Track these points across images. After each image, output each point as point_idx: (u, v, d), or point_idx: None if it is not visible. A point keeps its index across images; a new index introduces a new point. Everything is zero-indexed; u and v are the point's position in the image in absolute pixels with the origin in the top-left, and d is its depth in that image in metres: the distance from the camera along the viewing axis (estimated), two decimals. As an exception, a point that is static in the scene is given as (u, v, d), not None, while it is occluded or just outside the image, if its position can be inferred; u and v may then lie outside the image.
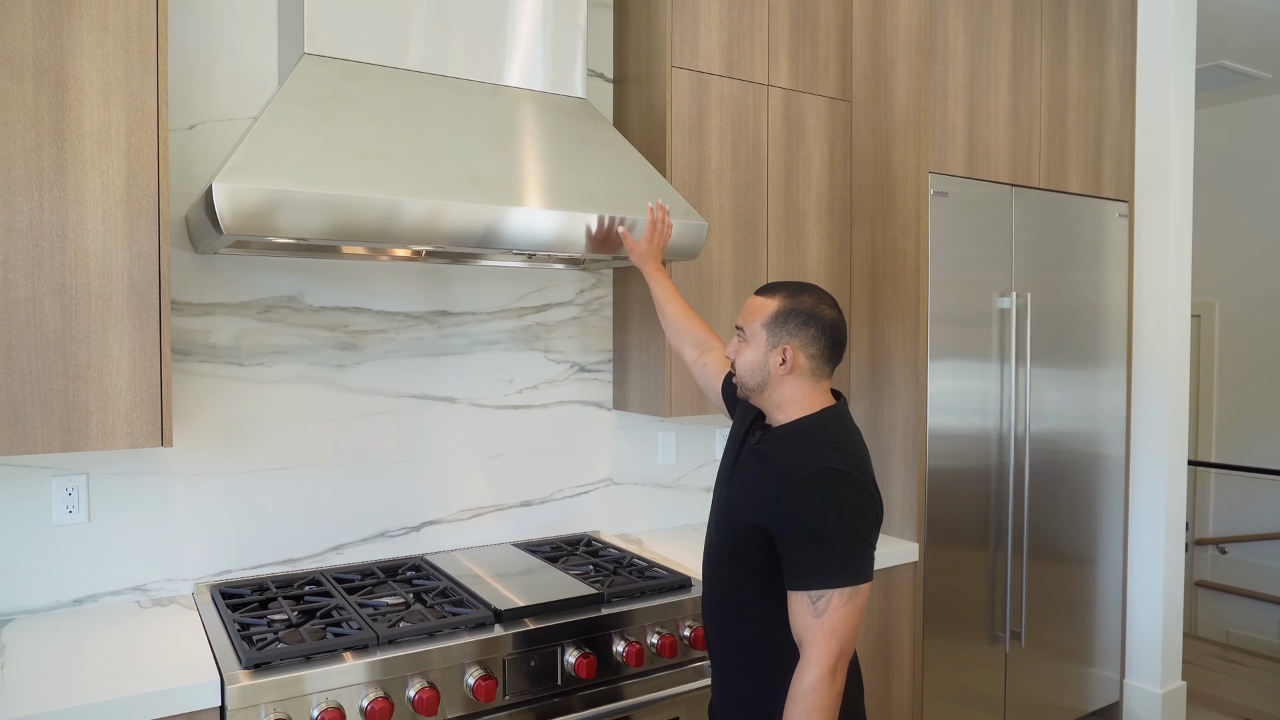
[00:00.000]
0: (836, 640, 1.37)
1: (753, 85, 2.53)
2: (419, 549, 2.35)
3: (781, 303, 1.52)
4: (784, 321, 1.51)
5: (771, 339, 1.51)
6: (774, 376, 1.51)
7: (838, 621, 1.37)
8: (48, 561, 1.92)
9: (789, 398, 1.52)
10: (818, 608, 1.37)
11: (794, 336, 1.50)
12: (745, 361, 1.54)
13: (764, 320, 1.52)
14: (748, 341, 1.54)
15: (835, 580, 1.37)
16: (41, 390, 1.63)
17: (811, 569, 1.38)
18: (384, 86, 1.92)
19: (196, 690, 1.53)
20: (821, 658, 1.36)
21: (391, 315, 2.29)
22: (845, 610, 1.37)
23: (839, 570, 1.37)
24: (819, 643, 1.37)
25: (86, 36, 1.65)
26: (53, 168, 1.63)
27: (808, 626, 1.38)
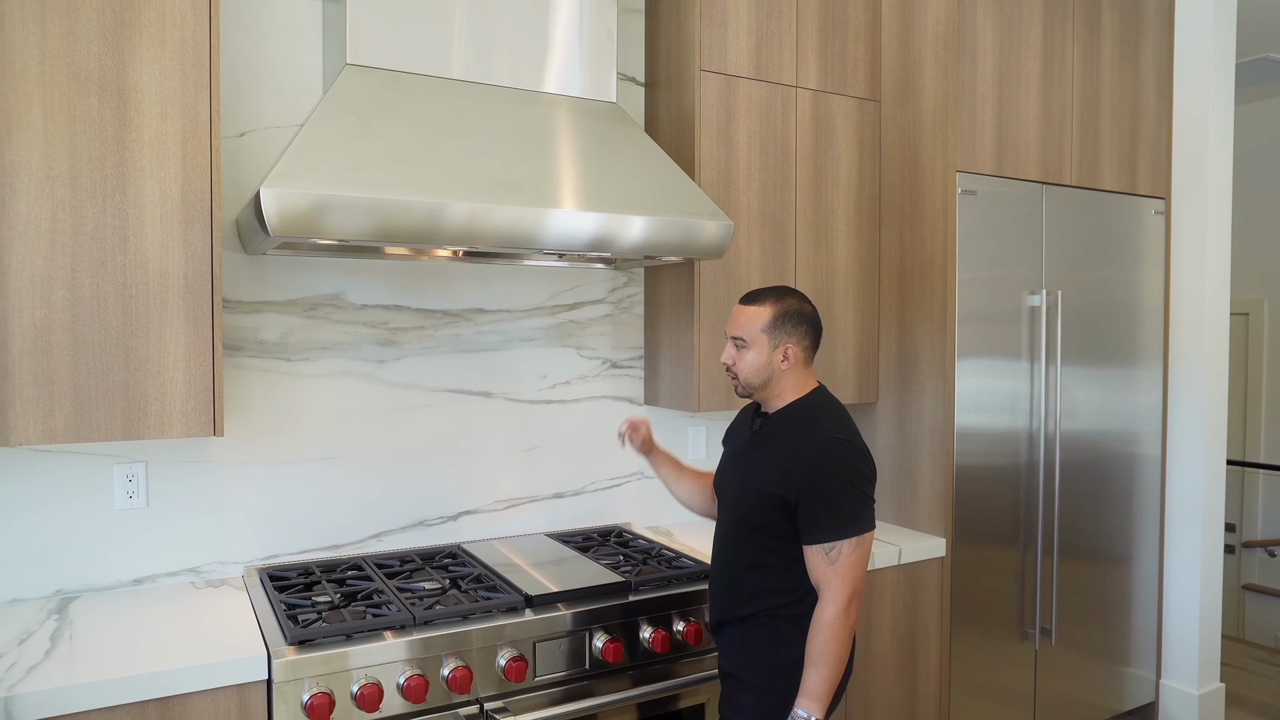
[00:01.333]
0: (848, 583, 1.65)
1: (781, 87, 2.58)
2: (456, 538, 2.45)
3: (774, 308, 1.77)
4: (781, 324, 1.76)
5: (772, 341, 1.76)
6: (777, 372, 1.77)
7: (848, 566, 1.65)
8: (110, 543, 2.05)
9: (788, 386, 1.78)
10: (830, 557, 1.65)
11: (791, 335, 1.76)
12: (748, 364, 1.77)
13: (762, 326, 1.76)
14: (748, 347, 1.77)
15: (843, 532, 1.65)
16: (105, 382, 1.75)
17: (823, 525, 1.65)
18: (423, 94, 2.01)
19: (246, 664, 1.63)
20: (837, 597, 1.64)
21: (430, 313, 2.38)
22: (854, 556, 1.65)
23: (846, 523, 1.65)
24: (835, 585, 1.65)
25: (146, 52, 1.77)
26: (115, 175, 1.75)
27: (824, 574, 1.66)
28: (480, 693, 1.83)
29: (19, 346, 1.68)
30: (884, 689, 2.50)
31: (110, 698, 1.53)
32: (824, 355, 2.69)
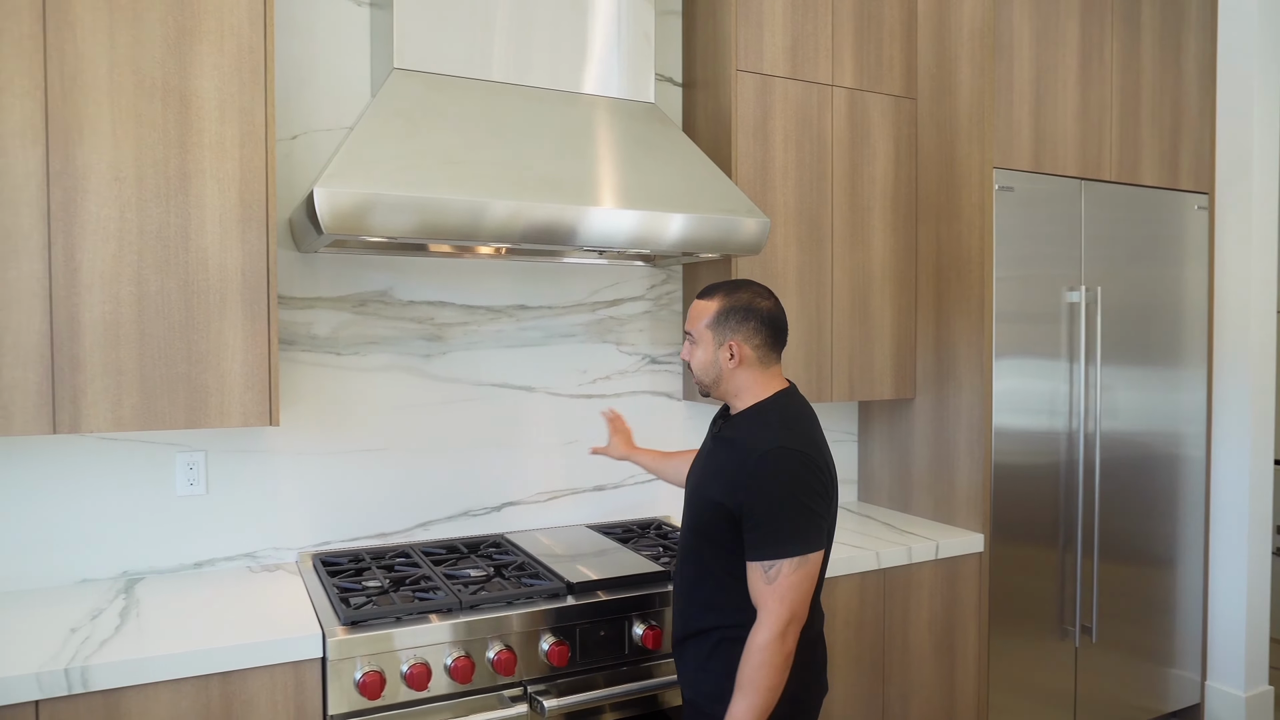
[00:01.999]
0: (786, 605, 1.50)
1: (817, 86, 2.61)
2: (499, 528, 2.51)
3: (720, 302, 1.66)
4: (725, 319, 1.65)
5: (717, 337, 1.66)
6: (725, 370, 1.66)
7: (787, 588, 1.50)
8: (172, 528, 2.14)
9: (743, 386, 1.66)
10: (769, 575, 1.51)
11: (736, 332, 1.64)
12: (697, 361, 1.69)
13: (707, 321, 1.67)
14: (696, 343, 1.69)
15: (784, 551, 1.50)
16: (169, 373, 1.84)
17: (763, 541, 1.52)
18: (466, 96, 2.08)
19: (302, 642, 1.71)
20: (773, 620, 1.50)
21: (474, 309, 2.46)
22: (794, 577, 1.50)
23: (786, 541, 1.51)
24: (771, 607, 1.51)
25: (206, 59, 1.86)
26: (178, 176, 1.84)
27: (761, 592, 1.52)
28: (524, 675, 1.88)
29: (90, 339, 1.78)
30: (922, 684, 2.52)
31: (177, 671, 1.61)
32: (861, 350, 2.72)
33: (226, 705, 1.66)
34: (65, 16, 1.73)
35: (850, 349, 2.70)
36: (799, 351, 2.61)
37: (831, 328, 2.66)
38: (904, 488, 2.91)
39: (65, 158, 1.74)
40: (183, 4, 1.82)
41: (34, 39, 1.71)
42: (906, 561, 2.45)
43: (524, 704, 1.83)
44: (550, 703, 1.83)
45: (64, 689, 1.54)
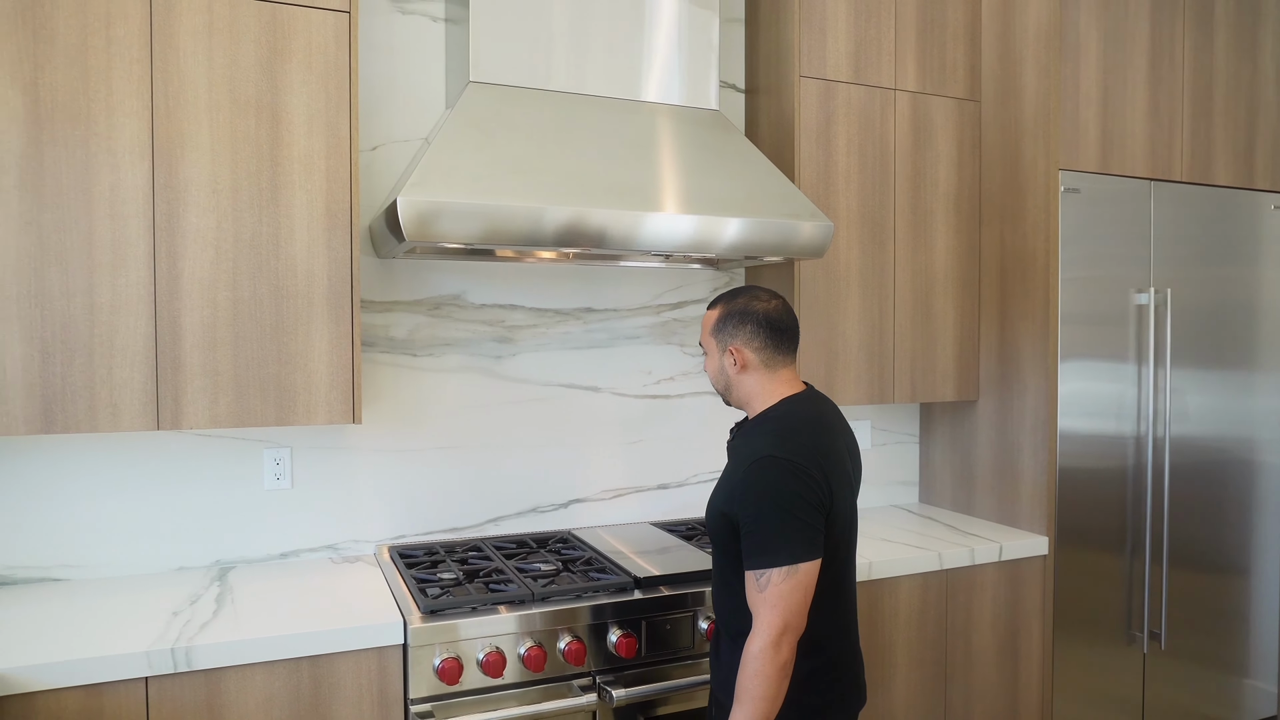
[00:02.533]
0: (778, 614, 1.49)
1: (879, 90, 2.63)
2: (566, 524, 2.59)
3: (719, 310, 1.68)
4: (723, 326, 1.66)
5: (720, 344, 1.67)
6: (732, 377, 1.67)
7: (778, 597, 1.49)
8: (260, 520, 2.27)
9: (752, 392, 1.66)
10: (760, 584, 1.51)
11: (734, 337, 1.65)
12: (709, 371, 1.72)
13: (710, 330, 1.69)
14: (707, 354, 1.72)
15: (772, 560, 1.49)
16: (260, 374, 1.96)
17: (754, 550, 1.52)
18: (537, 107, 2.16)
19: (386, 629, 1.80)
20: (766, 629, 1.49)
21: (543, 312, 2.54)
22: (785, 586, 1.49)
23: (775, 551, 1.50)
24: (764, 615, 1.50)
25: (295, 77, 1.97)
26: (269, 188, 1.95)
27: (754, 600, 1.52)
28: (593, 666, 1.95)
29: (190, 341, 1.90)
30: (985, 686, 2.52)
31: (271, 654, 1.72)
32: (923, 351, 2.73)
33: (315, 687, 1.76)
34: (170, 41, 1.85)
35: (912, 351, 2.71)
36: (861, 353, 2.63)
37: (894, 330, 2.68)
38: (966, 490, 2.91)
39: (169, 172, 1.87)
40: (275, 26, 1.94)
41: (142, 63, 1.83)
42: (969, 563, 2.46)
43: (593, 693, 1.90)
44: (618, 692, 1.89)
45: (170, 667, 1.65)
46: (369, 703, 1.80)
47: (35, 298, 1.78)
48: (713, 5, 2.38)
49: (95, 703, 1.62)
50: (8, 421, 1.77)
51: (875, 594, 2.33)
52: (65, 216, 1.79)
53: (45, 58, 1.77)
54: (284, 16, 1.94)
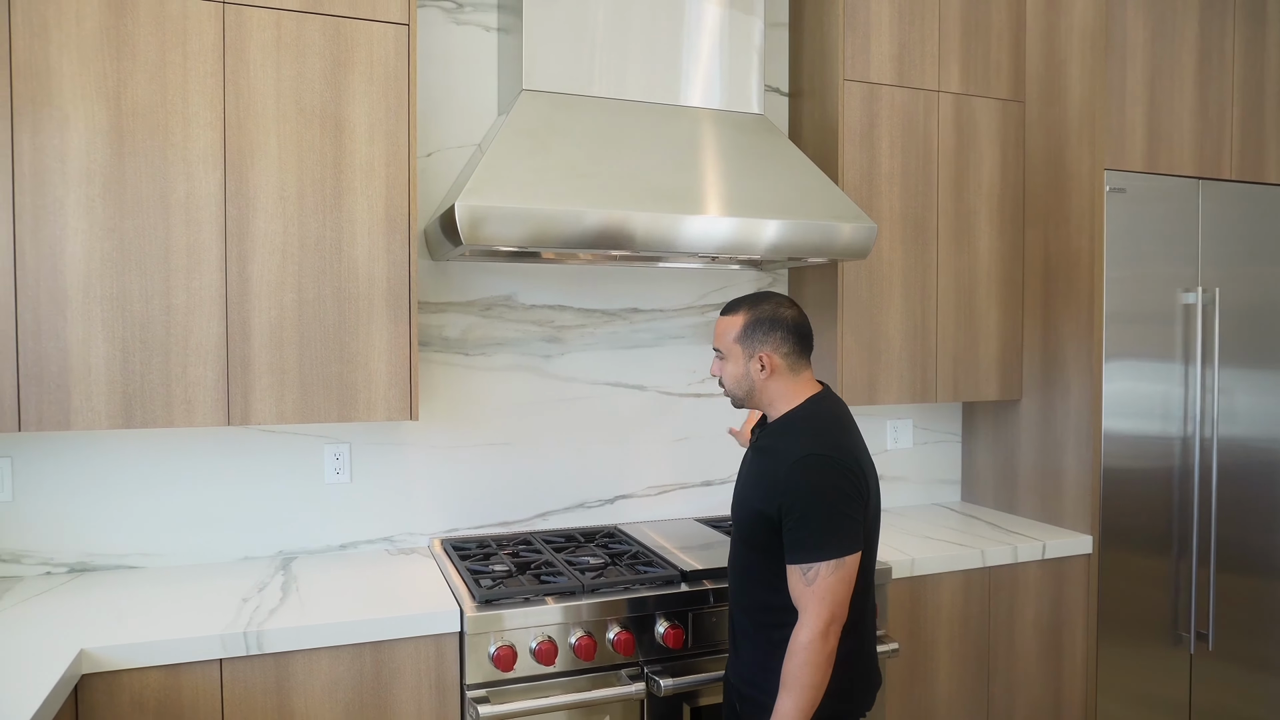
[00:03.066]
0: (826, 606, 1.55)
1: (923, 92, 2.65)
2: (612, 519, 2.65)
3: (745, 316, 1.72)
4: (752, 332, 1.70)
5: (746, 350, 1.71)
6: (757, 382, 1.72)
7: (826, 589, 1.56)
8: (320, 513, 2.36)
9: (777, 395, 1.72)
10: (808, 578, 1.57)
11: (764, 343, 1.70)
12: (729, 375, 1.74)
13: (735, 336, 1.72)
14: (726, 358, 1.74)
15: (821, 554, 1.56)
16: (324, 372, 2.05)
17: (801, 545, 1.57)
18: (588, 114, 2.22)
19: (443, 617, 1.88)
20: (815, 620, 1.56)
21: (590, 312, 2.60)
22: (833, 579, 1.56)
23: (824, 545, 1.56)
24: (811, 608, 1.56)
25: (357, 88, 2.05)
26: (332, 194, 2.04)
27: (801, 594, 1.58)
28: (641, 656, 2.01)
29: (258, 341, 1.99)
30: (1027, 684, 2.54)
31: (335, 639, 1.80)
32: (966, 351, 2.75)
33: (377, 671, 1.85)
34: (241, 56, 1.95)
35: (955, 350, 2.73)
36: (903, 352, 2.66)
37: (936, 329, 2.70)
38: (1009, 489, 2.92)
39: (240, 179, 1.96)
40: (338, 39, 2.03)
41: (215, 76, 1.93)
42: (1012, 561, 2.48)
43: (641, 683, 1.96)
44: (666, 682, 1.95)
45: (243, 650, 1.74)
46: (427, 687, 1.88)
47: (116, 300, 1.89)
48: (756, 10, 2.43)
49: (174, 681, 1.72)
50: (91, 416, 1.88)
51: (918, 590, 2.36)
52: (144, 223, 1.90)
53: (128, 73, 1.87)
54: (346, 30, 2.03)
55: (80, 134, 1.85)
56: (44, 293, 1.84)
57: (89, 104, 1.85)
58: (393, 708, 1.86)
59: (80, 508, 2.17)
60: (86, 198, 1.86)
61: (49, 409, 1.85)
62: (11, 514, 2.12)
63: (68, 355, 1.86)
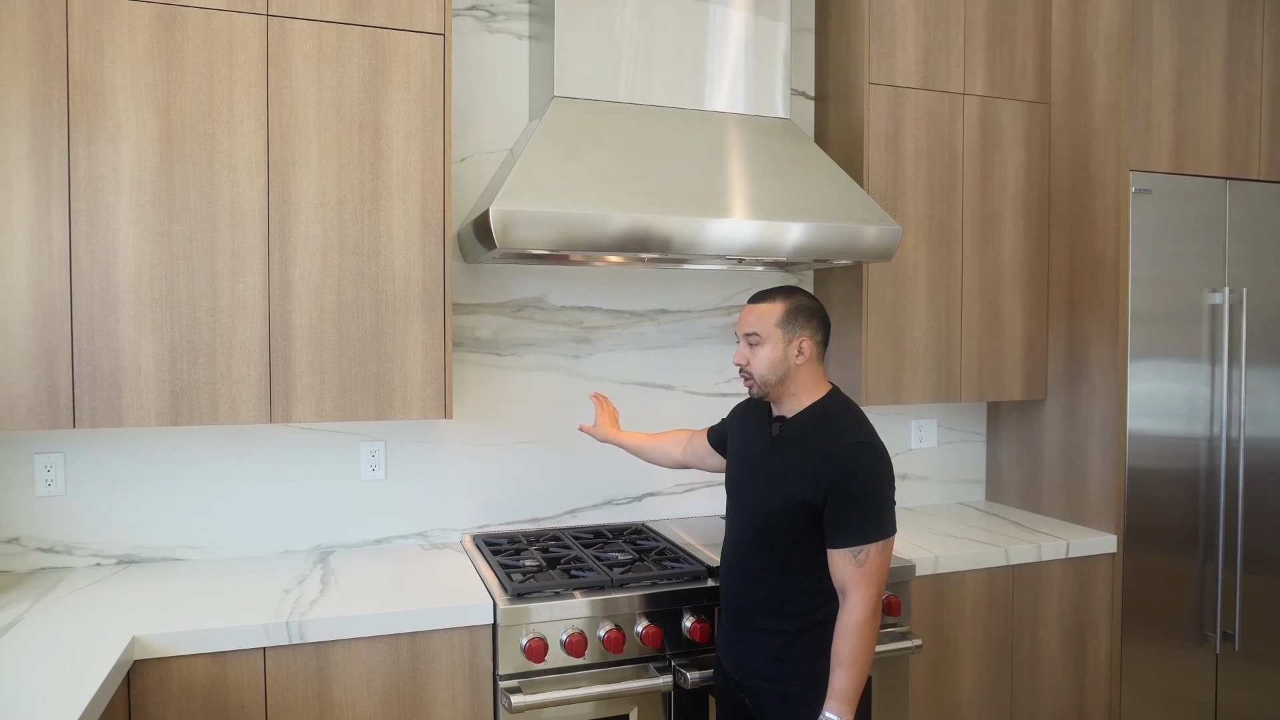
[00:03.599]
0: (875, 585, 1.66)
1: (948, 95, 2.68)
2: (640, 516, 2.71)
3: (786, 303, 1.77)
4: (794, 318, 1.76)
5: (786, 335, 1.76)
6: (792, 367, 1.76)
7: (875, 569, 1.65)
8: (357, 508, 2.44)
9: (803, 384, 1.78)
10: (858, 560, 1.65)
11: (804, 329, 1.76)
12: (764, 359, 1.76)
13: (778, 320, 1.76)
14: (763, 343, 1.76)
15: (872, 535, 1.65)
16: (361, 372, 2.12)
17: (851, 528, 1.66)
18: (618, 120, 2.27)
19: (477, 609, 1.94)
20: (866, 599, 1.65)
21: (619, 313, 2.66)
22: (881, 559, 1.66)
23: (873, 527, 1.66)
24: (862, 588, 1.65)
25: (394, 96, 2.12)
26: (370, 199, 2.11)
27: (850, 575, 1.66)
28: (669, 650, 2.06)
29: (299, 341, 2.06)
30: (1051, 682, 2.56)
31: (373, 629, 1.87)
32: (990, 351, 2.77)
33: (413, 661, 1.91)
34: (283, 66, 2.02)
35: (979, 350, 2.76)
36: (927, 353, 2.68)
37: (961, 330, 2.73)
38: (1033, 488, 2.94)
39: (282, 185, 2.03)
40: (376, 49, 2.09)
41: (259, 86, 2.00)
42: (1036, 559, 2.50)
43: (668, 675, 2.01)
44: (693, 674, 2.00)
45: (285, 639, 1.81)
46: (461, 677, 1.94)
47: (165, 302, 1.96)
48: (782, 16, 2.47)
49: (220, 669, 1.79)
50: (141, 414, 1.96)
51: (941, 587, 2.40)
52: (191, 228, 1.97)
53: (177, 84, 1.95)
54: (384, 40, 2.10)
55: (132, 143, 1.92)
56: (97, 295, 1.92)
57: (140, 114, 1.93)
58: (428, 696, 1.92)
59: (128, 502, 2.26)
60: (137, 204, 1.93)
61: (102, 407, 1.94)
62: (64, 507, 2.21)
63: (119, 355, 1.94)
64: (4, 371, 1.87)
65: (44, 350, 1.89)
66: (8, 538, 2.17)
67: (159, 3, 1.93)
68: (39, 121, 1.86)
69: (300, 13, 2.03)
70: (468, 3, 2.49)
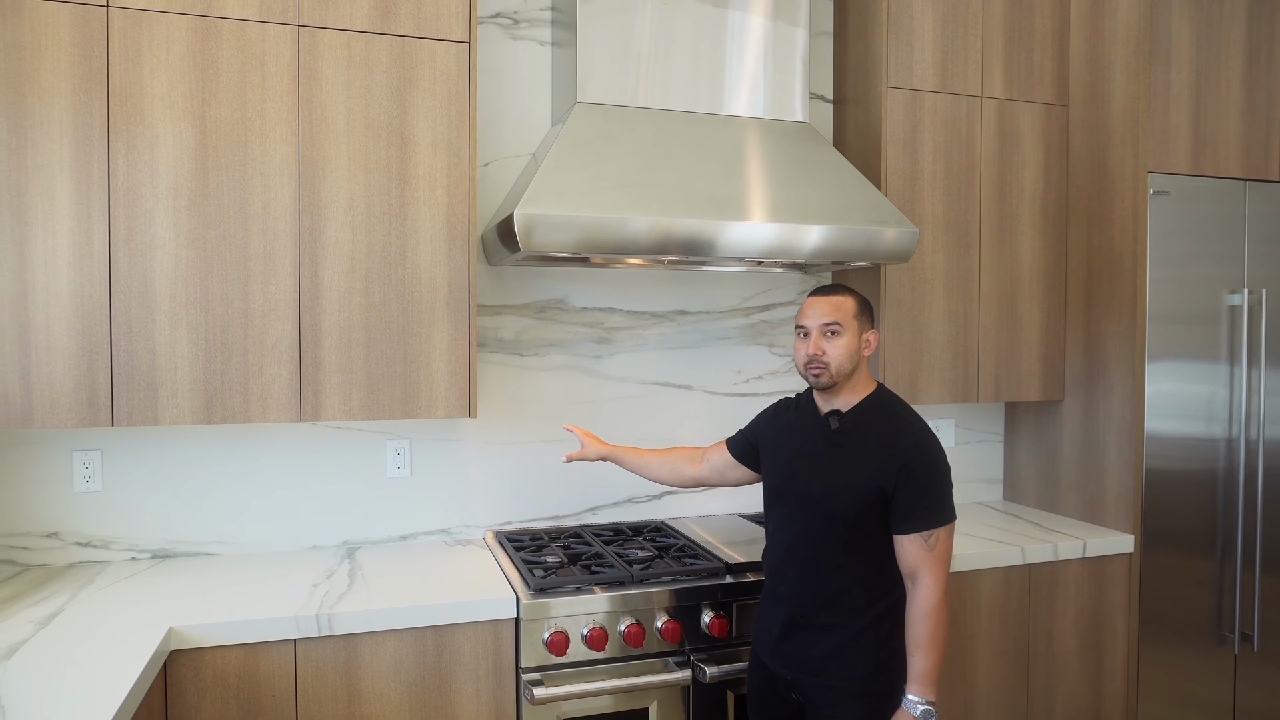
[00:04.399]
0: (944, 567, 1.74)
1: (966, 98, 2.70)
2: (659, 514, 2.75)
3: (856, 297, 1.84)
4: (865, 311, 1.84)
5: (860, 327, 1.82)
6: (861, 360, 1.82)
7: (944, 552, 1.73)
8: (382, 505, 2.49)
9: (861, 378, 1.84)
10: (929, 544, 1.72)
11: (872, 323, 1.85)
12: (844, 349, 1.78)
13: (855, 311, 1.82)
14: (843, 332, 1.78)
15: (942, 519, 1.73)
16: (389, 372, 2.17)
17: (922, 514, 1.72)
18: (639, 125, 2.32)
19: (500, 603, 1.99)
20: (938, 582, 1.72)
21: (639, 314, 2.70)
22: (949, 542, 1.74)
23: (942, 512, 1.73)
24: (934, 571, 1.72)
25: (421, 103, 2.17)
26: (398, 204, 2.16)
27: (922, 560, 1.72)
28: (688, 645, 2.10)
29: (328, 342, 2.12)
30: (1067, 681, 2.57)
31: (400, 622, 1.92)
32: (1008, 352, 2.79)
33: (438, 653, 1.96)
34: (314, 74, 2.08)
35: (997, 351, 2.78)
36: (945, 353, 2.71)
37: (978, 331, 2.75)
38: (1051, 488, 2.95)
39: (312, 190, 2.09)
40: (404, 57, 2.14)
41: (290, 94, 2.06)
42: (1052, 558, 2.52)
43: (687, 670, 2.05)
44: (711, 669, 2.04)
45: (315, 631, 1.87)
46: (485, 669, 1.99)
47: (200, 304, 2.03)
48: (801, 21, 2.50)
49: (253, 659, 1.85)
50: (176, 412, 2.03)
51: (958, 586, 2.42)
52: (225, 232, 2.04)
53: (211, 93, 2.01)
54: (411, 49, 2.15)
55: (169, 150, 1.99)
56: (135, 298, 1.98)
57: (177, 123, 1.99)
58: (453, 688, 1.97)
59: (162, 498, 2.33)
60: (174, 209, 2.00)
61: (139, 405, 2.00)
62: (101, 503, 2.28)
63: (155, 356, 2.01)
64: (46, 371, 1.94)
65: (84, 351, 1.96)
66: (47, 532, 2.25)
67: (195, 15, 1.99)
68: (80, 131, 1.93)
69: (330, 23, 2.09)
70: (492, 10, 2.54)
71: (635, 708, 2.06)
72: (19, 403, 1.93)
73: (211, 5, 2.01)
